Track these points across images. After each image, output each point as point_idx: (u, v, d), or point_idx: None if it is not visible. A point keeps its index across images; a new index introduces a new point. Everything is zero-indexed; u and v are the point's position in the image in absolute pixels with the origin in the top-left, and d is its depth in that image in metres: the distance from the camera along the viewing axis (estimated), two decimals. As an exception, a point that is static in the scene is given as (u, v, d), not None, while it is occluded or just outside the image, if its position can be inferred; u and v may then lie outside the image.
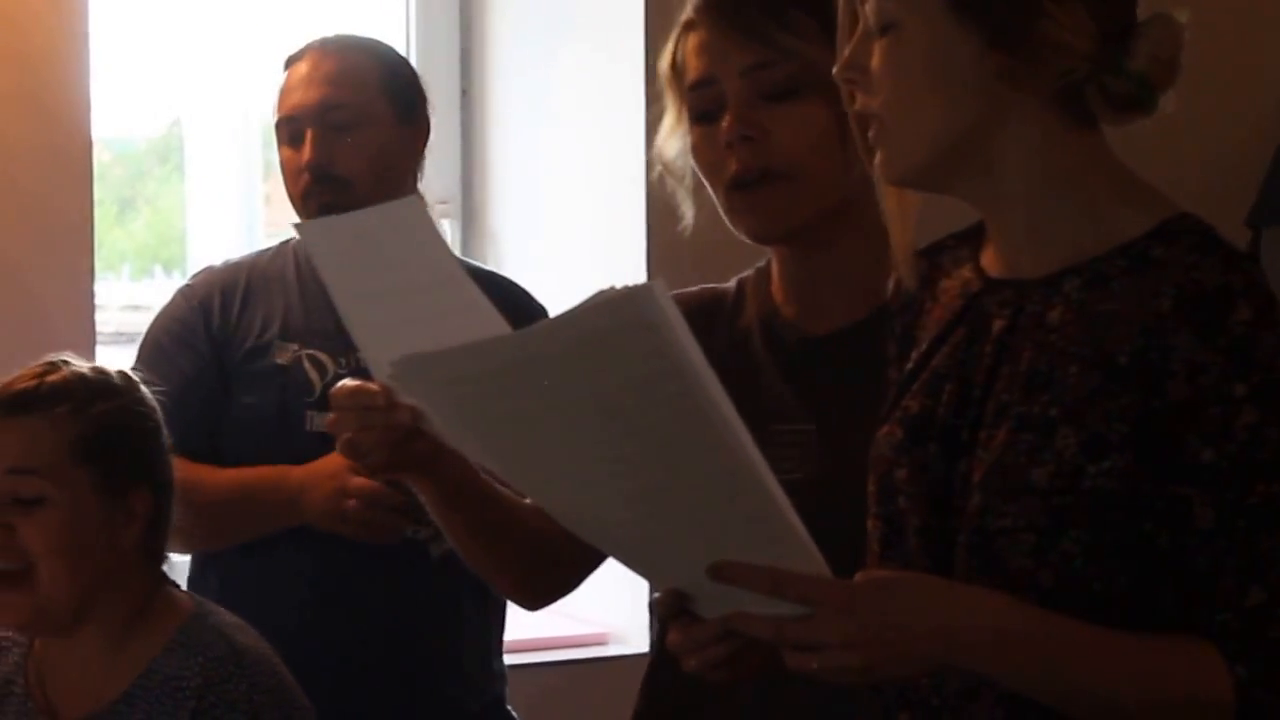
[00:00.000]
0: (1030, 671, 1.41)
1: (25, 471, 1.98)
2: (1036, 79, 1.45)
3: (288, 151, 2.55)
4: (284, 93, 2.56)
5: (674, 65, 1.86)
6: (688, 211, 1.91)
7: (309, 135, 2.51)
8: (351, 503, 2.37)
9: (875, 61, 1.48)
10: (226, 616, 2.07)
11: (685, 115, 1.85)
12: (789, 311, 1.87)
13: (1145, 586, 1.42)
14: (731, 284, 1.95)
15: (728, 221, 1.84)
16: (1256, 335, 1.39)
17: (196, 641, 2.00)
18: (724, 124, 1.80)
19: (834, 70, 1.53)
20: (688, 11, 1.85)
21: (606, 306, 1.24)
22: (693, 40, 1.84)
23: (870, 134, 1.52)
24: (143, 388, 2.09)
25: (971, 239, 1.60)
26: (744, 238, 1.85)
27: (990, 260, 1.57)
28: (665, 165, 1.89)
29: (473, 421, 1.40)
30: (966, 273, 1.58)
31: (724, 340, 1.88)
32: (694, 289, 1.96)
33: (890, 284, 1.65)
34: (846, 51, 1.52)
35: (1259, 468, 1.39)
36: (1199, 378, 1.39)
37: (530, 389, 1.30)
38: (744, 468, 1.33)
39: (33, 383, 2.03)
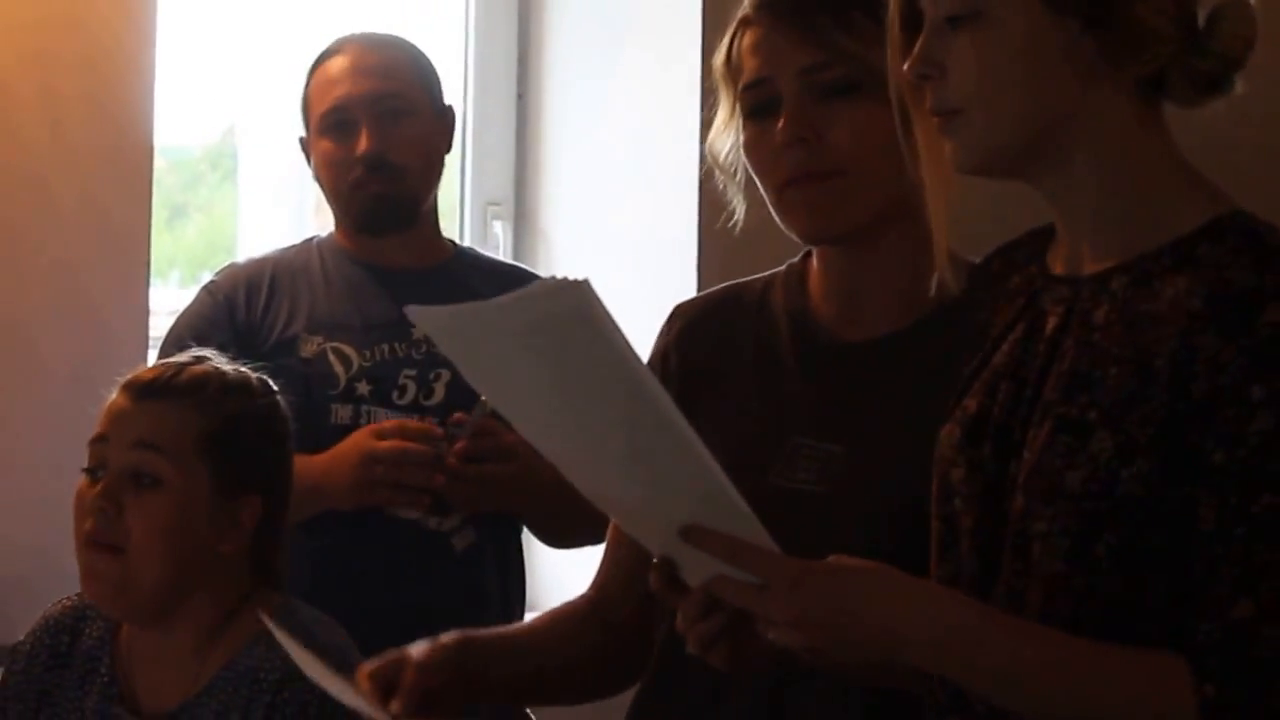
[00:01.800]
0: (976, 673, 1.41)
1: (151, 447, 1.97)
2: (1126, 64, 1.45)
3: (330, 144, 2.56)
4: (325, 85, 2.57)
5: (728, 62, 1.84)
6: (739, 208, 1.89)
7: (365, 125, 2.53)
8: (379, 469, 2.38)
9: (955, 53, 1.46)
10: (315, 613, 2.06)
11: (738, 112, 1.83)
12: (825, 314, 1.84)
13: (1177, 597, 1.38)
14: (759, 279, 1.92)
15: (780, 221, 1.81)
16: None
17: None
18: (779, 125, 1.77)
19: (905, 66, 1.51)
20: (745, 8, 1.83)
21: (540, 295, 1.32)
22: (749, 38, 1.81)
23: (939, 123, 1.50)
24: (279, 398, 2.10)
25: (1046, 235, 1.58)
26: (796, 237, 1.83)
27: (1056, 256, 1.55)
28: (716, 161, 1.88)
29: (477, 375, 1.50)
30: (1033, 269, 1.56)
31: (749, 341, 1.86)
32: (716, 287, 1.96)
33: (933, 282, 1.63)
34: (918, 47, 1.49)
35: (1267, 477, 1.35)
36: (1218, 377, 1.36)
37: (501, 356, 1.40)
38: (686, 451, 1.39)
39: (172, 371, 2.03)
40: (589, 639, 1.92)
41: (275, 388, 2.10)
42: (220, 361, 2.09)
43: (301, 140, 2.64)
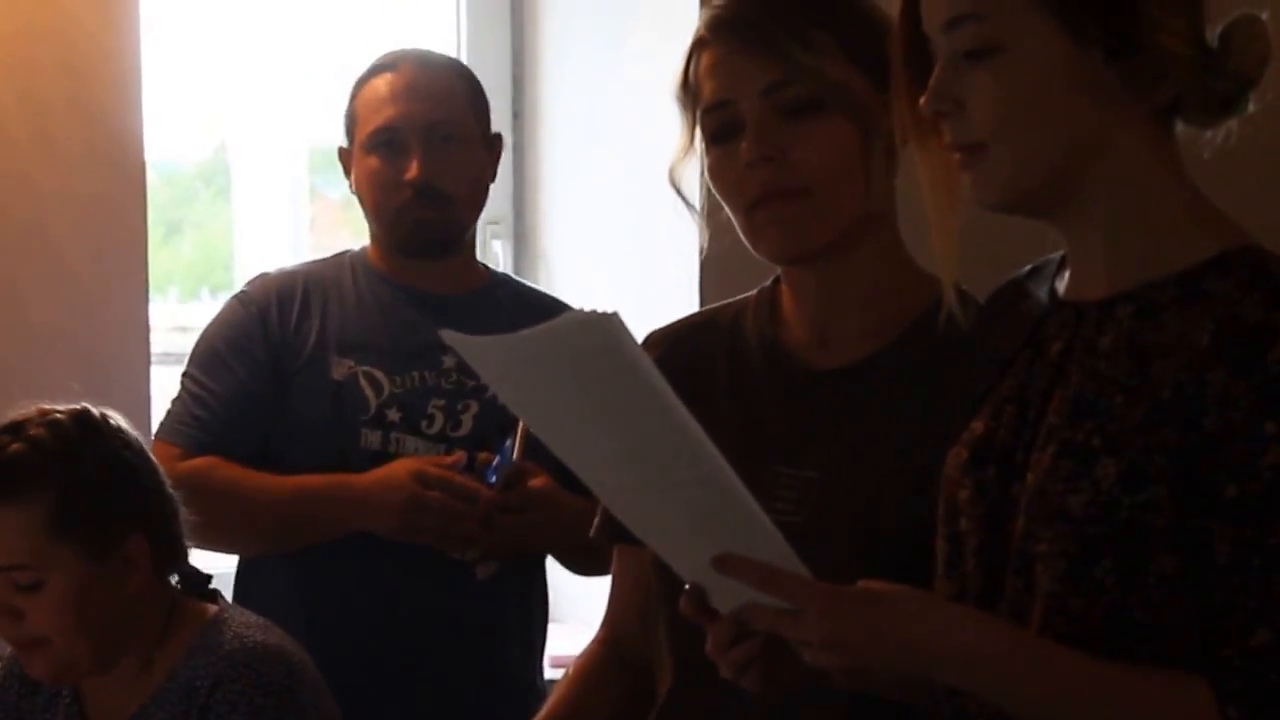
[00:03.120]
0: (1004, 692, 1.43)
1: (14, 568, 2.03)
2: (1147, 93, 1.45)
3: (378, 162, 2.55)
4: (375, 101, 2.56)
5: (686, 85, 1.82)
6: (704, 236, 1.88)
7: (416, 149, 2.52)
8: (427, 519, 2.39)
9: (975, 88, 1.46)
10: (249, 617, 2.12)
11: (698, 137, 1.82)
12: (796, 340, 1.83)
13: (1188, 621, 1.41)
14: (730, 305, 1.91)
15: (750, 245, 1.80)
16: None
17: (213, 643, 2.06)
18: (743, 145, 1.76)
19: (920, 102, 1.50)
20: (699, 29, 1.81)
21: (569, 328, 1.32)
22: (706, 59, 1.79)
23: (959, 158, 1.49)
24: (110, 421, 2.11)
25: (1058, 262, 1.59)
26: (767, 259, 1.82)
27: (1063, 282, 1.56)
28: (678, 189, 1.86)
29: (514, 402, 1.52)
30: (1042, 294, 1.57)
31: (723, 369, 1.85)
32: (688, 315, 1.96)
33: (942, 316, 1.64)
34: (933, 82, 1.49)
35: None
36: (1229, 412, 1.37)
37: (534, 386, 1.41)
38: (717, 480, 1.41)
39: None
40: (615, 690, 1.94)
41: (96, 414, 2.10)
42: (36, 422, 2.08)
43: (341, 151, 2.63)
